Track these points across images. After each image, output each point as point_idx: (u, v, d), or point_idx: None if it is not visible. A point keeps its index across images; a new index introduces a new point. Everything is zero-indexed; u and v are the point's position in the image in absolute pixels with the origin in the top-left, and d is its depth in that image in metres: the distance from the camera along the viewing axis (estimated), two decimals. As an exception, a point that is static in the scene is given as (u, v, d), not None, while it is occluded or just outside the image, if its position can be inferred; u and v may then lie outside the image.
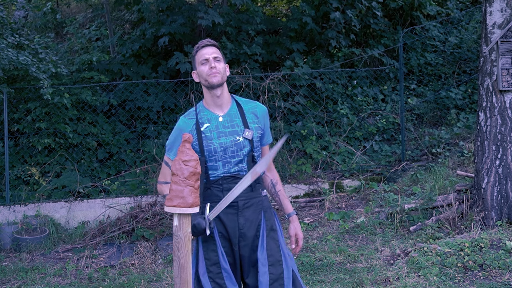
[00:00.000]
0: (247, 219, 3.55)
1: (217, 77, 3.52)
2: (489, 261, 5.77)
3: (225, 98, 3.61)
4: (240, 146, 3.55)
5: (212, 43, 3.60)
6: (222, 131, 3.55)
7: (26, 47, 9.32)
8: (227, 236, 3.55)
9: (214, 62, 3.54)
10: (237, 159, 3.55)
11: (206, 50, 3.57)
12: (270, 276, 3.50)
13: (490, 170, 6.80)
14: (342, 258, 6.58)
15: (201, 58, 3.56)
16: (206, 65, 3.55)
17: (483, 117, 6.90)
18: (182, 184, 3.13)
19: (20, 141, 9.82)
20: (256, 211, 3.59)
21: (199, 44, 3.62)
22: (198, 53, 3.59)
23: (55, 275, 6.78)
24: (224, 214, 3.50)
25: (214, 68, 3.52)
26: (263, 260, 3.51)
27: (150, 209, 8.19)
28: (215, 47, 3.60)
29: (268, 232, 3.59)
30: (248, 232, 3.55)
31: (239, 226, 3.54)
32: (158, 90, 10.96)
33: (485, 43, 6.90)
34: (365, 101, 11.52)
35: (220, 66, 3.55)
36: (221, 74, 3.54)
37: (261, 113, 3.68)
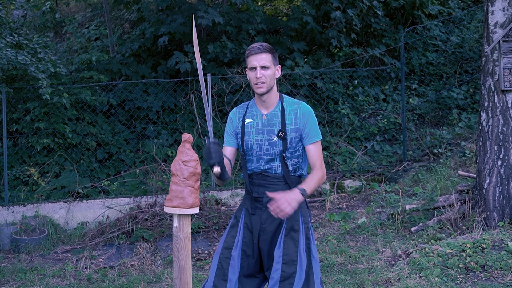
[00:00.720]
0: (270, 216, 3.69)
1: (262, 88, 3.69)
2: (491, 262, 5.77)
3: (271, 99, 3.77)
4: (273, 145, 3.70)
5: (262, 50, 3.69)
6: (261, 128, 3.74)
7: (25, 46, 9.32)
8: (251, 228, 3.77)
9: (261, 71, 3.66)
10: (269, 157, 3.72)
11: (255, 57, 3.69)
12: (281, 274, 3.62)
13: (492, 171, 6.80)
14: (343, 259, 6.58)
15: (250, 65, 3.71)
16: (253, 73, 3.70)
17: (485, 117, 6.90)
18: (182, 185, 3.13)
19: (19, 141, 9.82)
20: None
21: (250, 49, 3.72)
22: (249, 58, 3.72)
23: (54, 276, 6.78)
24: (252, 207, 3.77)
25: (259, 78, 3.66)
26: (278, 258, 3.65)
27: (149, 209, 8.19)
28: (266, 53, 3.69)
29: (288, 232, 3.70)
30: (269, 227, 3.72)
31: (261, 221, 3.74)
32: (157, 90, 10.97)
33: (487, 43, 6.91)
34: (366, 101, 11.52)
35: (267, 74, 3.68)
36: (267, 83, 3.69)
37: (302, 114, 3.75)
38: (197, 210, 3.16)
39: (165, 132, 10.56)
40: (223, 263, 3.73)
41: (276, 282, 3.60)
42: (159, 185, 8.66)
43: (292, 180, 3.75)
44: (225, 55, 10.86)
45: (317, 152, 3.77)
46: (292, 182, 3.74)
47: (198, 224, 7.97)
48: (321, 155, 3.79)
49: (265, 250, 3.76)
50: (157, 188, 8.61)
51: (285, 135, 3.69)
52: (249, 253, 3.76)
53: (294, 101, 3.83)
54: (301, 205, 3.74)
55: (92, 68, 11.29)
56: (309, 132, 3.74)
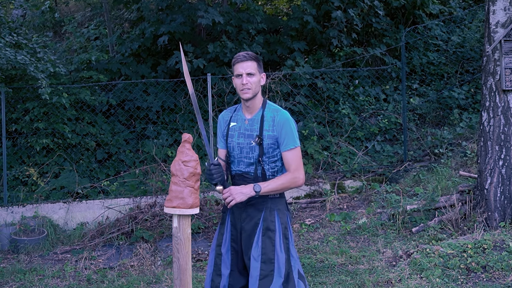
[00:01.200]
0: (248, 215, 3.90)
1: (247, 94, 3.87)
2: (492, 262, 5.77)
3: (255, 105, 3.95)
4: (252, 150, 3.89)
5: (248, 58, 3.90)
6: (243, 132, 3.94)
7: (24, 46, 9.33)
8: (235, 226, 3.97)
9: (247, 78, 3.86)
10: (249, 161, 3.91)
11: (241, 64, 3.89)
12: (260, 272, 3.79)
13: (493, 171, 6.80)
14: (344, 260, 6.58)
15: (236, 72, 3.91)
16: (239, 79, 3.89)
17: (486, 117, 6.90)
18: (182, 185, 3.13)
19: (18, 141, 9.82)
20: (257, 209, 3.90)
21: (236, 57, 3.93)
22: (235, 66, 3.92)
23: (54, 277, 6.78)
24: (236, 207, 3.92)
25: (245, 84, 3.86)
26: (256, 256, 3.82)
27: (149, 210, 8.19)
28: (251, 61, 3.89)
29: (265, 231, 3.85)
30: (247, 226, 3.90)
31: (241, 220, 3.92)
32: (157, 90, 10.97)
33: (488, 42, 6.90)
34: (367, 101, 11.52)
35: (252, 80, 3.87)
36: (252, 90, 3.87)
37: (278, 121, 3.89)
38: (197, 210, 3.16)
39: (165, 132, 10.56)
40: (216, 259, 3.94)
41: (256, 280, 3.77)
42: (159, 185, 8.66)
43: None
44: (225, 54, 10.86)
45: (292, 158, 3.87)
46: None
47: (198, 225, 7.97)
48: (297, 160, 3.90)
49: (244, 247, 3.92)
50: (157, 188, 8.61)
51: (262, 140, 3.86)
52: (237, 249, 3.96)
53: (275, 108, 3.96)
54: (279, 207, 3.93)
55: (91, 68, 11.28)
56: (284, 140, 3.86)
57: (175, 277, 3.13)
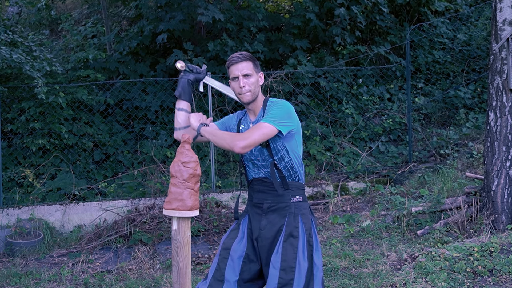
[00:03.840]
0: (270, 222, 3.75)
1: (247, 97, 3.73)
2: (499, 266, 5.77)
3: (257, 107, 3.82)
4: (261, 152, 3.75)
5: (242, 58, 3.74)
6: None
7: (19, 44, 9.33)
8: (251, 234, 3.81)
9: (244, 80, 3.71)
10: (262, 163, 3.77)
11: (236, 66, 3.73)
12: (279, 280, 3.62)
13: (500, 172, 6.80)
14: (347, 263, 6.58)
15: (232, 75, 3.75)
16: (236, 82, 3.74)
17: (493, 117, 6.90)
18: (181, 187, 3.14)
19: (13, 141, 9.84)
20: (280, 215, 3.74)
21: (230, 59, 3.77)
22: (230, 69, 3.76)
23: (50, 281, 6.79)
24: (252, 213, 3.81)
25: (243, 87, 3.71)
26: (275, 264, 3.65)
27: (148, 212, 8.20)
28: (246, 61, 3.75)
29: (287, 238, 3.70)
30: (267, 234, 3.74)
31: (260, 227, 3.76)
32: (156, 89, 10.98)
33: (495, 40, 6.91)
34: (370, 100, 11.52)
35: (250, 82, 3.72)
36: (252, 92, 3.73)
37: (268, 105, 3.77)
38: (196, 212, 3.16)
39: (164, 132, 10.57)
40: (220, 263, 3.75)
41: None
42: (157, 187, 8.67)
43: (292, 186, 3.77)
44: (225, 53, 10.87)
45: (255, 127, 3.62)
46: (292, 188, 3.77)
47: (198, 227, 7.98)
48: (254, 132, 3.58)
49: (263, 257, 3.78)
50: (156, 190, 8.62)
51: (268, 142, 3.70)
52: (252, 258, 3.79)
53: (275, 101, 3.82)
54: (303, 212, 3.78)
55: (88, 67, 11.30)
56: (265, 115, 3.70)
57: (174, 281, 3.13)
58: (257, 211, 3.79)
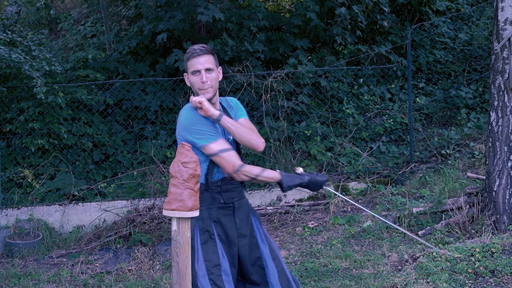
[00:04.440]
0: (241, 219, 3.78)
1: (209, 93, 3.66)
2: (501, 267, 5.77)
3: (216, 103, 3.79)
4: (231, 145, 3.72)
5: (204, 51, 3.64)
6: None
7: (18, 44, 9.33)
8: (225, 239, 3.72)
9: (206, 74, 3.62)
10: None
11: (198, 59, 3.63)
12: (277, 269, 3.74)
13: (502, 172, 6.80)
14: (348, 264, 6.59)
15: (192, 69, 3.65)
16: (197, 76, 3.65)
17: (495, 117, 6.90)
18: (181, 187, 3.13)
19: (12, 142, 9.83)
20: (245, 211, 3.83)
21: (191, 51, 3.66)
22: (190, 61, 3.65)
23: (49, 282, 6.79)
24: (222, 216, 3.71)
25: (205, 82, 3.62)
26: (268, 255, 3.76)
27: (148, 212, 8.20)
28: (208, 54, 3.64)
29: (263, 230, 3.86)
30: (245, 231, 3.78)
31: (237, 226, 3.75)
32: (156, 89, 10.98)
33: (497, 40, 6.90)
34: (371, 100, 11.52)
35: (212, 77, 3.64)
36: (213, 88, 3.67)
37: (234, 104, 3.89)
38: (197, 213, 3.16)
39: (163, 132, 10.57)
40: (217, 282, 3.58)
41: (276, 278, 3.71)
42: (157, 187, 8.67)
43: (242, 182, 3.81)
44: (225, 52, 10.87)
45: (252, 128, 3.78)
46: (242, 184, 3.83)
47: (197, 228, 7.97)
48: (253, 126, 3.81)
49: (246, 254, 3.75)
50: (156, 190, 8.62)
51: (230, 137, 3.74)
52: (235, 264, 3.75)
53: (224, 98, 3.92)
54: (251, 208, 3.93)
55: (88, 66, 11.29)
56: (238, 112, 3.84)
57: (174, 282, 3.13)
58: (227, 212, 3.72)
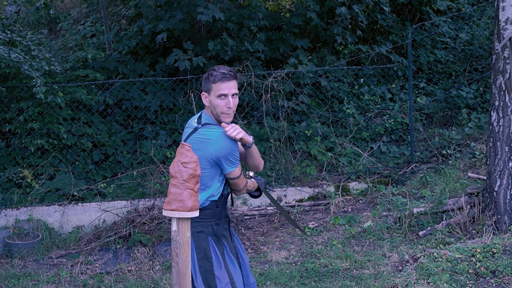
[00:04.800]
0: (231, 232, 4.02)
1: (230, 118, 3.69)
2: (502, 267, 5.77)
3: None
4: None
5: (233, 76, 3.66)
6: None
7: (18, 43, 9.33)
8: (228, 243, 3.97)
9: (232, 100, 3.65)
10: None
11: (227, 84, 3.63)
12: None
13: (502, 172, 6.80)
14: (348, 264, 6.59)
15: (220, 92, 3.63)
16: (223, 100, 3.65)
17: (496, 117, 6.90)
18: (181, 187, 3.13)
19: (11, 142, 9.83)
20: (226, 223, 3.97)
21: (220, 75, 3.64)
22: (218, 84, 3.63)
23: (49, 282, 6.80)
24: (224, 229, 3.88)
25: (231, 108, 3.65)
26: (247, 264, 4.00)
27: (147, 213, 8.20)
28: (235, 80, 3.67)
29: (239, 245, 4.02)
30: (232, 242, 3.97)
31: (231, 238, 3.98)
32: (156, 89, 10.97)
33: (498, 40, 6.90)
34: (372, 100, 11.52)
35: (236, 101, 3.68)
36: (233, 112, 3.71)
37: None
38: (196, 213, 3.16)
39: (163, 132, 10.56)
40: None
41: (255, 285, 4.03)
42: (157, 187, 8.67)
43: None
44: (225, 52, 10.87)
45: None
46: None
47: (197, 228, 7.96)
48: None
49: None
50: (155, 190, 8.62)
51: None
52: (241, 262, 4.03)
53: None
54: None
55: (87, 66, 11.29)
56: None
57: (174, 282, 3.13)
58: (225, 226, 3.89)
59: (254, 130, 10.29)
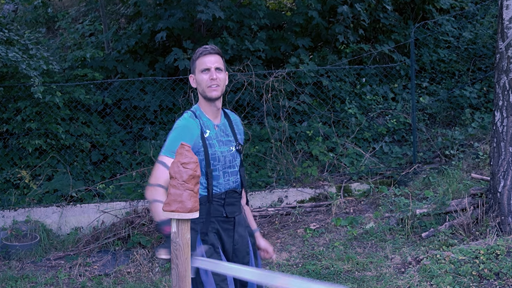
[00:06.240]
0: (240, 235, 3.71)
1: (216, 91, 3.59)
2: (506, 269, 5.77)
3: (219, 108, 3.72)
4: (234, 157, 3.69)
5: (216, 51, 3.63)
6: (220, 139, 3.66)
7: (15, 42, 9.34)
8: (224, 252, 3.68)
9: (216, 73, 3.59)
10: (233, 170, 3.68)
11: (208, 58, 3.60)
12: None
13: (506, 173, 6.79)
14: (350, 266, 6.59)
15: (203, 66, 3.60)
16: (207, 74, 3.59)
17: (499, 117, 6.90)
18: (181, 188, 3.13)
19: (9, 142, 9.84)
20: (244, 226, 3.76)
21: (202, 50, 3.63)
22: (200, 59, 3.62)
23: (47, 284, 6.80)
24: (223, 230, 3.64)
25: (215, 80, 3.57)
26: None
27: (147, 214, 8.20)
28: (219, 56, 3.64)
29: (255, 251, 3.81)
30: (241, 248, 3.70)
31: (234, 242, 3.68)
32: (155, 88, 10.98)
33: (501, 39, 6.90)
34: (374, 100, 11.52)
35: (221, 77, 3.61)
36: (221, 87, 3.61)
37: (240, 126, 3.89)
38: (196, 214, 3.15)
39: (163, 132, 10.57)
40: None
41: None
42: (156, 188, 8.65)
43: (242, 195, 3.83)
44: (226, 51, 10.87)
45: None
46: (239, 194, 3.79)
47: (197, 230, 7.97)
48: None
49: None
50: (155, 191, 8.60)
51: (242, 147, 3.75)
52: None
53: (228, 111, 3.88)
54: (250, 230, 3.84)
55: (86, 66, 11.30)
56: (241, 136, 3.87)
57: (174, 285, 3.13)
58: (228, 226, 3.65)
59: (255, 130, 10.29)
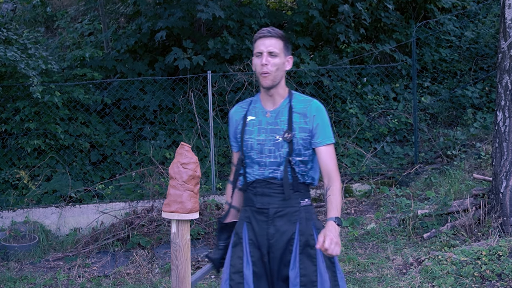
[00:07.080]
0: (278, 230, 3.39)
1: (267, 81, 3.38)
2: (508, 270, 5.76)
3: (279, 94, 3.48)
4: (278, 147, 3.39)
5: (272, 34, 3.42)
6: (264, 127, 3.43)
7: (14, 42, 9.34)
8: (257, 245, 3.44)
9: (268, 57, 3.37)
10: (273, 160, 3.39)
11: (263, 41, 3.41)
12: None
13: (509, 173, 6.79)
14: (351, 267, 6.59)
15: (256, 50, 3.41)
16: (259, 59, 3.40)
17: (502, 117, 6.90)
18: (180, 189, 3.13)
19: (8, 142, 9.84)
20: (290, 222, 3.40)
21: (259, 32, 3.45)
22: (256, 42, 3.43)
23: (46, 285, 6.80)
24: (255, 221, 3.43)
25: (265, 66, 3.35)
26: (294, 280, 3.33)
27: (146, 215, 8.20)
28: (276, 39, 3.43)
29: (303, 248, 3.37)
30: (278, 243, 3.40)
31: (268, 236, 3.40)
32: (155, 88, 10.98)
33: (504, 38, 6.90)
34: (375, 99, 11.52)
35: (274, 62, 3.37)
36: (273, 75, 3.37)
37: (312, 112, 3.43)
38: (196, 215, 3.16)
39: (162, 132, 10.57)
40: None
41: None
42: (156, 189, 8.67)
43: (301, 188, 3.41)
44: (226, 51, 10.87)
45: (331, 156, 3.41)
46: (301, 190, 3.42)
47: (197, 230, 7.98)
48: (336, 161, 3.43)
49: (275, 269, 3.42)
50: (154, 192, 8.62)
51: (292, 136, 3.35)
52: (260, 274, 3.43)
53: (305, 98, 3.50)
54: (314, 216, 3.46)
55: (85, 65, 11.30)
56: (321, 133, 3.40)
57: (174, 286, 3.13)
58: (261, 217, 3.40)
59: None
